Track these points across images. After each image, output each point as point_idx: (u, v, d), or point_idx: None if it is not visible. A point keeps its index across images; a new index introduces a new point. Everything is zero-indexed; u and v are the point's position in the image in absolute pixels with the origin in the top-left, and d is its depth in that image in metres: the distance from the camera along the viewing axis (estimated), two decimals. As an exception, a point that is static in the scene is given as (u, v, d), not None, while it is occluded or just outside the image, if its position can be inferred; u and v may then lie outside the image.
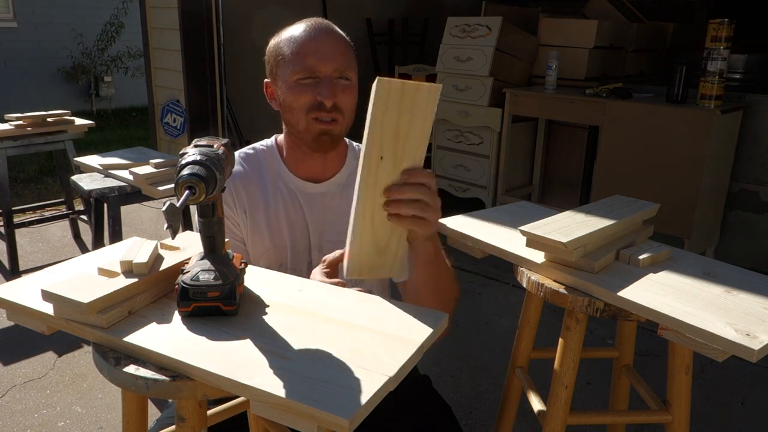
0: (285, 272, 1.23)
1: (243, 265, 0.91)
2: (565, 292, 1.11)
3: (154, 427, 1.20)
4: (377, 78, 0.83)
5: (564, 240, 1.10)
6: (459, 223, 1.37)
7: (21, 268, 3.19)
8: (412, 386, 1.28)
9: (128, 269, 0.87)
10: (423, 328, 0.82)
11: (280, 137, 1.29)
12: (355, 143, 1.31)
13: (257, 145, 1.30)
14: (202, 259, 0.87)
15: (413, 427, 1.22)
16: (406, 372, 0.74)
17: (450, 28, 3.79)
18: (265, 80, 1.24)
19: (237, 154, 1.27)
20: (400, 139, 0.87)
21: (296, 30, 1.17)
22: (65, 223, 3.77)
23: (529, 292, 1.21)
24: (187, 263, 0.89)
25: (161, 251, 0.95)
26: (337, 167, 1.27)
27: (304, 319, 0.84)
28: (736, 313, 0.99)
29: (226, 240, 0.91)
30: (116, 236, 2.45)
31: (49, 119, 3.12)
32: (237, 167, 1.24)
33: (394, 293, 1.22)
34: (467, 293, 3.03)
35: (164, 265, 0.90)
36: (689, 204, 2.88)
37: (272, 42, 1.20)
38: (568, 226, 1.17)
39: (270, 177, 1.26)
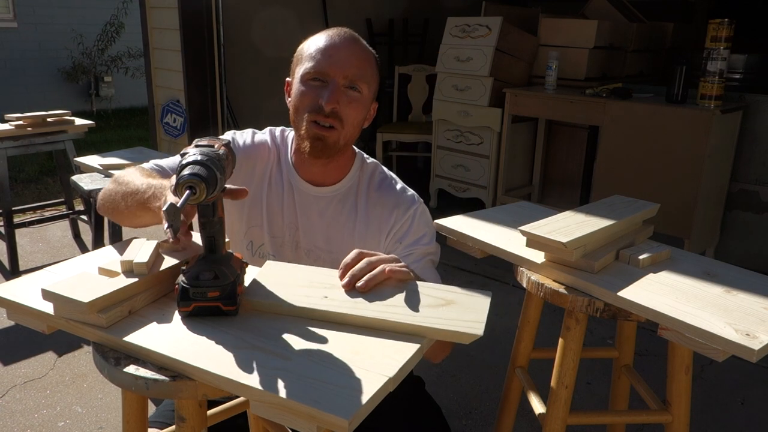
0: (264, 256, 1.24)
1: (243, 265, 0.91)
2: (565, 292, 1.11)
3: (154, 415, 1.20)
4: None
5: (564, 240, 1.10)
6: (459, 223, 1.37)
7: (21, 268, 3.19)
8: (404, 387, 1.28)
9: (128, 269, 0.87)
10: (423, 328, 0.82)
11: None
12: (365, 155, 1.31)
13: (285, 130, 1.31)
14: (202, 259, 0.87)
15: (404, 428, 1.22)
16: (405, 372, 0.75)
17: (450, 28, 3.80)
18: (287, 79, 1.25)
19: (270, 130, 1.30)
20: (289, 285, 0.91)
21: (321, 35, 1.19)
22: (65, 223, 3.77)
23: (529, 292, 1.21)
24: (187, 263, 0.89)
25: (161, 251, 0.95)
26: (338, 177, 1.25)
27: (304, 319, 0.84)
28: (736, 313, 0.99)
29: (227, 240, 0.91)
30: (116, 236, 2.45)
31: (49, 119, 3.11)
32: (266, 140, 1.27)
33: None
34: (467, 293, 3.02)
35: (164, 265, 0.90)
36: (689, 204, 2.87)
37: (301, 44, 1.22)
38: (568, 226, 1.17)
39: (282, 164, 1.27)
